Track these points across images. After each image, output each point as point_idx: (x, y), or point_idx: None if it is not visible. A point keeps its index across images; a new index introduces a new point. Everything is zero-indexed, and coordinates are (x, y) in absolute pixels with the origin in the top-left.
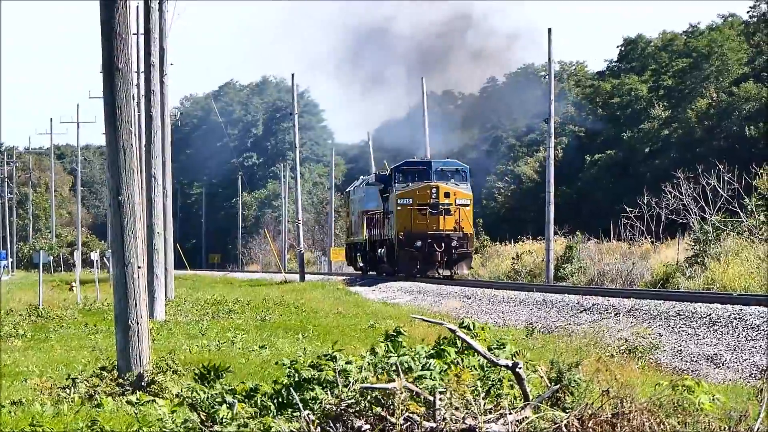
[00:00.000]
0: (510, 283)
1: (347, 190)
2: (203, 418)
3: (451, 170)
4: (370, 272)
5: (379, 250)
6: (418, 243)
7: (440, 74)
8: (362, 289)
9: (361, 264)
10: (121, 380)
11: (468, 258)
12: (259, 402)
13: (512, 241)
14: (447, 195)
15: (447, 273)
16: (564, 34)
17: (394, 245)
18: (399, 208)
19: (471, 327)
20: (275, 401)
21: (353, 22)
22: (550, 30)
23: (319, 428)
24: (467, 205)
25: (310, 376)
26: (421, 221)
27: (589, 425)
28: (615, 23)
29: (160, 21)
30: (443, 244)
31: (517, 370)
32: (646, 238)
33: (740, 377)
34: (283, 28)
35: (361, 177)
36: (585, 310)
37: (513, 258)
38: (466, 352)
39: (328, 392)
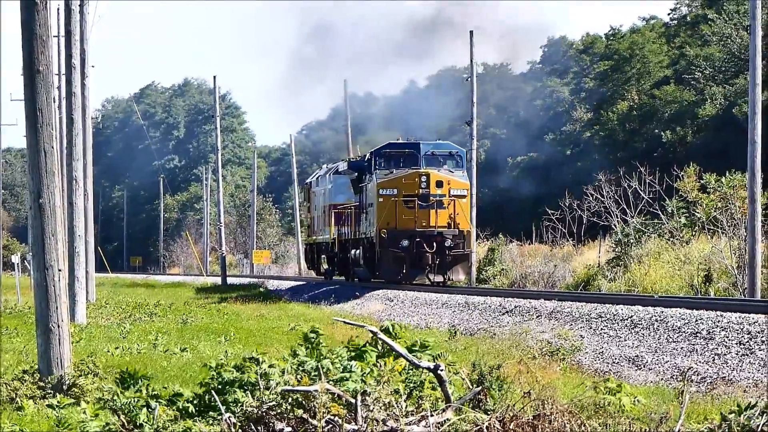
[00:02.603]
0: (432, 286)
1: (308, 181)
2: (124, 421)
3: (444, 154)
4: (337, 277)
5: (353, 252)
6: (405, 242)
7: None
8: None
9: (326, 267)
10: (42, 383)
11: (465, 261)
12: (181, 405)
13: None
14: (439, 184)
15: (439, 279)
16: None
17: (374, 245)
18: (381, 200)
19: (390, 329)
20: (197, 404)
21: (285, 21)
22: (471, 33)
23: (240, 431)
24: (464, 197)
25: (231, 379)
26: (408, 216)
27: (511, 427)
28: (542, 23)
29: (81, 23)
30: (435, 244)
31: (439, 372)
32: (567, 240)
33: (661, 379)
34: (206, 28)
35: (325, 166)
36: (507, 312)
37: None
38: (388, 354)
39: (250, 395)
